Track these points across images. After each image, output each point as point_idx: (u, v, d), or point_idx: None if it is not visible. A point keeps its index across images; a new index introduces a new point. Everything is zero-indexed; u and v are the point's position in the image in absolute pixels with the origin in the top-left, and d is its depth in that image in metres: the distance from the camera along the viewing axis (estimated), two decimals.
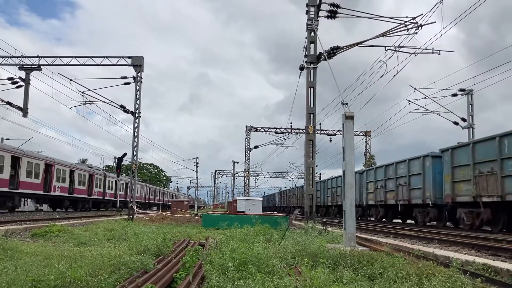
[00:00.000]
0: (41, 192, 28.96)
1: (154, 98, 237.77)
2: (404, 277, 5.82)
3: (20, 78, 22.76)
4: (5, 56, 22.29)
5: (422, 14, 18.60)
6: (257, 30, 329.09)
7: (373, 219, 27.49)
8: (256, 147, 53.58)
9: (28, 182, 26.95)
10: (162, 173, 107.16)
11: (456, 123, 28.17)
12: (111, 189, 44.71)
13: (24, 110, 22.90)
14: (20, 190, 26.08)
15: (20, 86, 22.89)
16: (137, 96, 22.81)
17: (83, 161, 69.17)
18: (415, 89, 27.33)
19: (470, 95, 27.53)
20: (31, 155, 28.12)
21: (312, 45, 19.42)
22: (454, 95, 27.52)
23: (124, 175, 49.16)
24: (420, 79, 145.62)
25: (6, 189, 24.36)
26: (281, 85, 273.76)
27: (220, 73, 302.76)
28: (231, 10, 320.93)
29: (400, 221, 25.58)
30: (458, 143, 18.06)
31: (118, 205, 44.46)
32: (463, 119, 27.85)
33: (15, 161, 25.70)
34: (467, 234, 13.89)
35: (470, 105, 27.67)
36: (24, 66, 22.54)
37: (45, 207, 35.33)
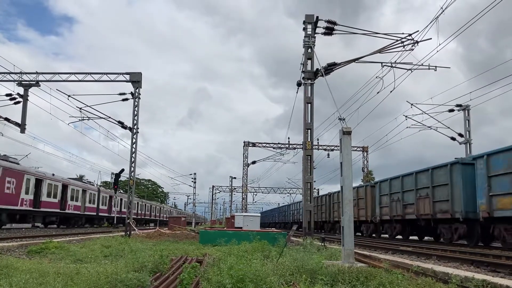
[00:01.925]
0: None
1: (152, 113, 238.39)
2: None
3: (18, 94, 22.79)
4: (4, 73, 22.37)
5: (418, 30, 18.85)
6: (256, 45, 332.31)
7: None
8: (254, 162, 53.55)
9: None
10: (159, 189, 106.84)
11: (453, 139, 28.25)
12: (104, 205, 43.28)
13: (22, 126, 22.87)
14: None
15: (18, 102, 22.90)
16: (135, 112, 22.85)
17: (81, 177, 68.83)
18: (412, 104, 27.51)
19: (466, 111, 27.67)
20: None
21: (309, 61, 19.61)
22: (451, 110, 27.65)
23: (121, 191, 48.90)
24: (419, 94, 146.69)
25: None
26: (280, 99, 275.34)
27: (219, 88, 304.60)
28: (230, 25, 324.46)
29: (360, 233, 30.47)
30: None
31: (115, 221, 44.04)
32: (460, 135, 27.94)
33: None
34: (466, 250, 13.84)
35: (467, 121, 27.80)
36: (23, 82, 22.59)
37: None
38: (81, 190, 37.28)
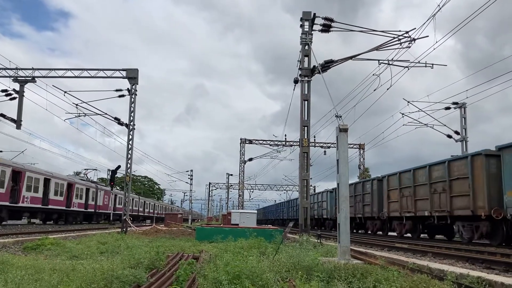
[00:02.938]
0: None
1: (149, 110, 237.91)
2: None
3: (14, 90, 22.68)
4: None
5: (415, 28, 18.85)
6: (253, 41, 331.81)
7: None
8: (250, 159, 53.49)
9: None
10: (156, 185, 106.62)
11: (449, 136, 28.31)
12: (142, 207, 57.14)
13: (17, 122, 22.77)
14: None
15: (14, 98, 22.80)
16: (132, 108, 22.79)
17: (77, 174, 68.50)
18: (408, 102, 27.52)
19: (463, 108, 27.73)
20: None
21: (306, 58, 19.58)
22: (447, 108, 27.69)
23: (118, 188, 49.13)
24: (416, 91, 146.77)
25: None
26: (277, 96, 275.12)
27: (216, 84, 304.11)
28: (227, 20, 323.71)
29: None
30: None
31: (111, 218, 44.36)
32: (457, 132, 27.99)
33: None
34: (462, 247, 13.90)
35: (463, 118, 27.85)
36: (18, 78, 22.48)
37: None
38: (133, 199, 52.61)
